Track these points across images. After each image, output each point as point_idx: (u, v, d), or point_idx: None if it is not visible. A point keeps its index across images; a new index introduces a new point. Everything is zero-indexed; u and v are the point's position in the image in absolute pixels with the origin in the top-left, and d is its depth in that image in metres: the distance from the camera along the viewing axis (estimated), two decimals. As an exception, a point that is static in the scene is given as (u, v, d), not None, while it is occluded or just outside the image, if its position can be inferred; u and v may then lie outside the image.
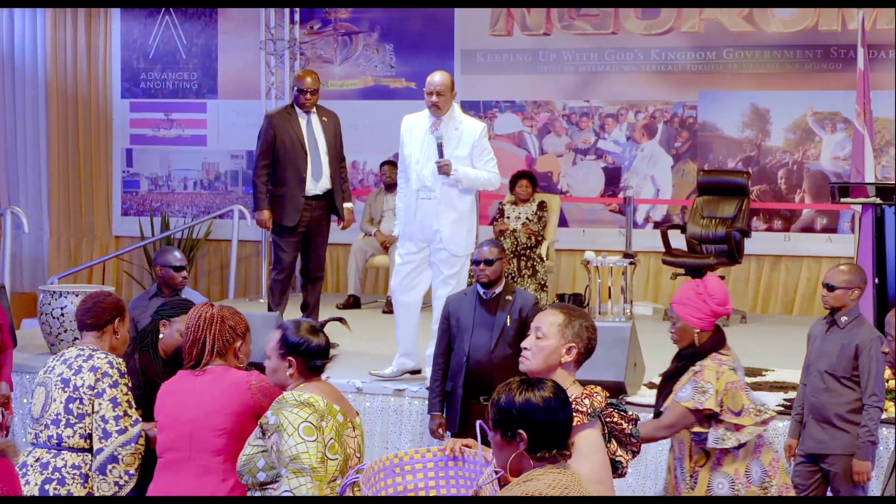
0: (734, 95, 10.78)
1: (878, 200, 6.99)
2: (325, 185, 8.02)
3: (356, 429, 3.94)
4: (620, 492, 4.71)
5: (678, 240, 9.95)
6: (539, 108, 11.29)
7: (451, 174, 6.74)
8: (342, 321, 4.41)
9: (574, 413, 3.49)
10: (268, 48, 11.60)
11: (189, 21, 12.20)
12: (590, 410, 3.55)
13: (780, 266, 10.68)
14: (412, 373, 7.08)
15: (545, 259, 9.86)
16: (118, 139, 12.46)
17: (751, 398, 4.71)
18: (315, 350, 3.91)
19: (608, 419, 3.66)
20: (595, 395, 3.62)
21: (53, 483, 4.34)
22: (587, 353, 3.76)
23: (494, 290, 5.93)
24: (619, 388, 6.44)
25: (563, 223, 10.91)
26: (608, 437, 3.63)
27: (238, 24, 12.00)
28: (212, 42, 12.12)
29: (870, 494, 5.41)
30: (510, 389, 3.18)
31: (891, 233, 6.89)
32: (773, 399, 6.53)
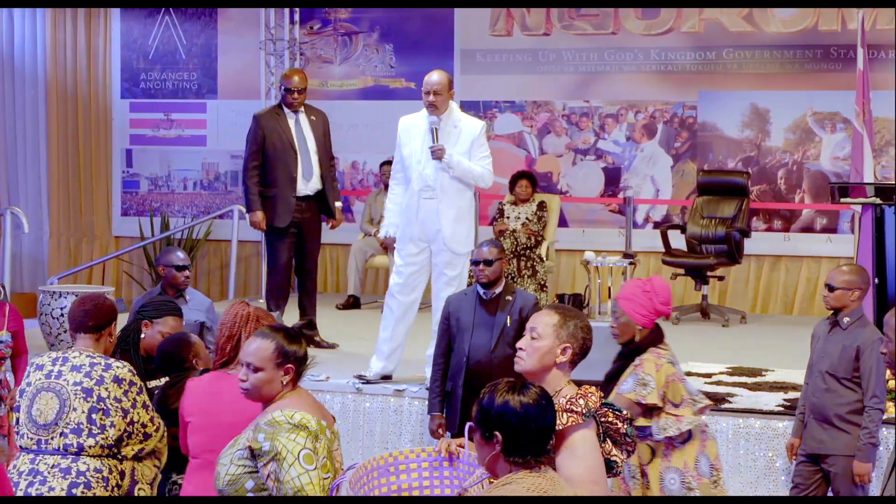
0: (734, 95, 10.77)
1: (878, 200, 6.99)
2: (316, 186, 7.99)
3: (336, 438, 3.85)
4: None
5: (678, 240, 9.95)
6: (539, 109, 11.29)
7: (444, 158, 6.74)
8: (311, 327, 4.40)
9: (569, 413, 3.50)
10: (268, 48, 11.59)
11: (189, 21, 12.19)
12: (584, 410, 3.56)
13: (780, 266, 10.67)
14: (385, 377, 6.97)
15: (545, 259, 9.86)
16: (118, 139, 12.45)
17: (688, 389, 4.89)
18: (305, 356, 3.87)
19: (603, 419, 3.66)
20: (590, 396, 3.62)
21: (80, 487, 4.34)
22: (582, 354, 3.77)
23: (494, 291, 5.93)
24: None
25: (563, 223, 10.91)
26: (603, 437, 3.64)
27: (238, 24, 12.00)
28: (212, 42, 12.12)
29: (870, 495, 5.41)
30: (495, 390, 3.20)
31: (891, 233, 6.88)
32: (773, 399, 6.53)
